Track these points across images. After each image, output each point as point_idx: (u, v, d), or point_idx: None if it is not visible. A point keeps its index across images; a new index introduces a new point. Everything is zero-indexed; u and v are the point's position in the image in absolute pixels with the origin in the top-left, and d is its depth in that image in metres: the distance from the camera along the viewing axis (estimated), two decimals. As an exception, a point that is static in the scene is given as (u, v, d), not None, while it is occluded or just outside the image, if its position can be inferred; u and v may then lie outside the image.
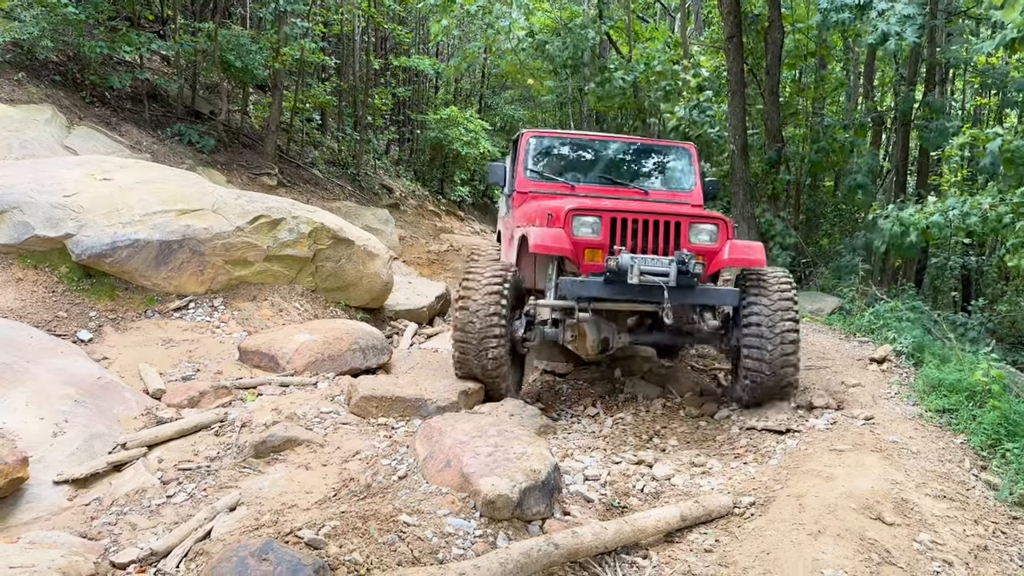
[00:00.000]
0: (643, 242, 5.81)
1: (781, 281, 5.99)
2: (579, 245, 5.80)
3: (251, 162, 15.16)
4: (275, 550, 3.15)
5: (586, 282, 5.67)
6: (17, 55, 12.62)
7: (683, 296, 5.62)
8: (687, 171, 7.42)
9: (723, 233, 5.90)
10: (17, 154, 9.76)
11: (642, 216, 5.82)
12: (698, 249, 5.82)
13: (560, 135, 7.78)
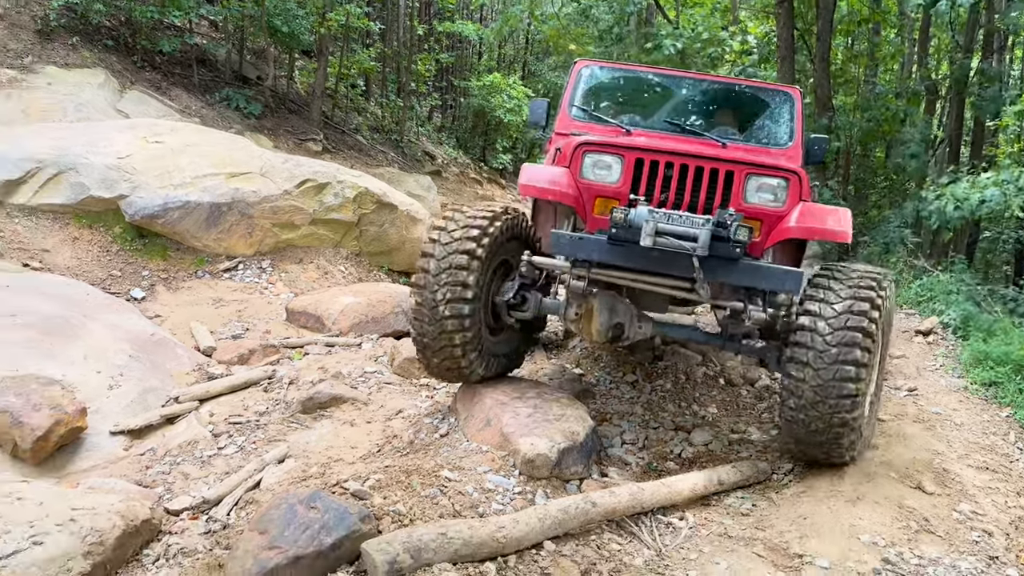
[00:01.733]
0: (680, 195, 4.22)
1: (864, 281, 4.03)
2: (589, 191, 4.34)
3: (297, 127, 15.31)
4: (322, 499, 3.27)
5: (585, 239, 4.09)
6: (71, 20, 12.86)
7: (719, 272, 3.94)
8: (785, 122, 5.56)
9: (794, 191, 4.15)
10: (72, 117, 10.00)
11: (680, 159, 4.18)
12: (756, 211, 4.15)
13: (622, 67, 6.42)
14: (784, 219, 4.17)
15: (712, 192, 4.20)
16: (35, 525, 3.32)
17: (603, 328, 4.49)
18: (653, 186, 4.24)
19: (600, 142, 4.38)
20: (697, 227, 3.78)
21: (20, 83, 10.97)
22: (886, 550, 3.64)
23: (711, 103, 5.85)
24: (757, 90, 5.90)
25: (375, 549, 3.08)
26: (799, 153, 5.39)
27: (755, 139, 5.54)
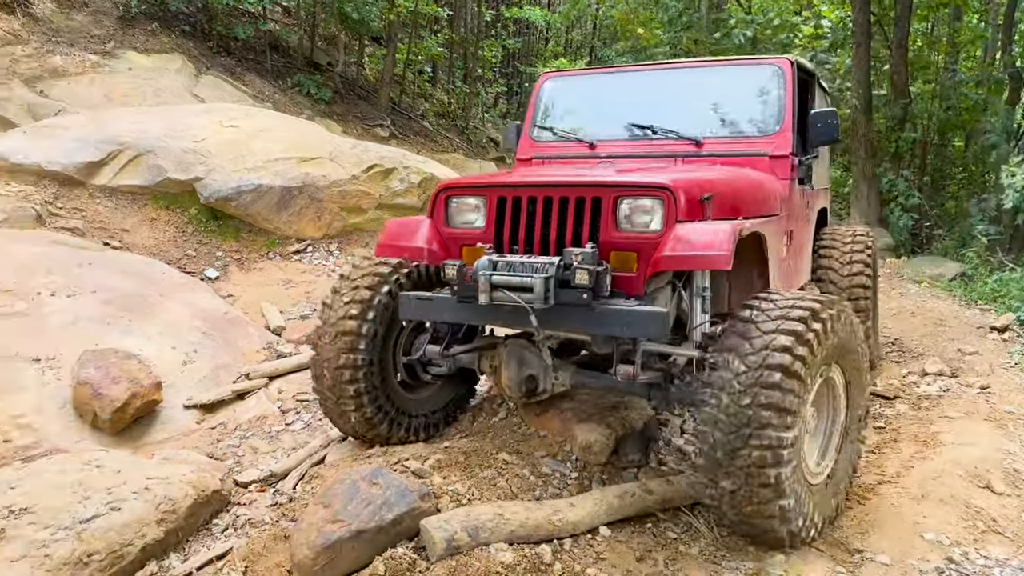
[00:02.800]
0: (547, 230, 3.57)
1: (794, 312, 3.29)
2: (454, 241, 3.81)
3: (365, 113, 15.54)
4: (384, 476, 3.36)
5: (434, 300, 3.74)
6: (151, 6, 13.27)
7: (567, 322, 3.40)
8: (771, 102, 4.64)
9: (670, 211, 3.35)
10: (151, 101, 10.35)
11: (543, 191, 3.55)
12: (631, 240, 3.42)
13: (588, 72, 5.90)
14: (661, 246, 3.34)
15: (580, 222, 3.48)
16: (113, 492, 3.49)
17: (513, 383, 3.94)
18: (519, 222, 3.62)
19: (463, 184, 3.88)
20: (533, 275, 3.27)
21: (103, 68, 11.39)
22: (950, 549, 3.57)
23: (688, 93, 5.03)
24: (737, 69, 4.99)
25: (434, 527, 3.16)
26: (789, 138, 4.52)
27: (737, 128, 4.71)
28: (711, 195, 3.46)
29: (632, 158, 4.69)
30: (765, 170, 4.41)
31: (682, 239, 3.28)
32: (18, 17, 11.84)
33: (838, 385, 3.68)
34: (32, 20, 12.03)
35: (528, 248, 3.57)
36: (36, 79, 10.70)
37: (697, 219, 3.41)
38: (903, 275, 10.40)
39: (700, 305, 3.60)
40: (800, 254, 5.18)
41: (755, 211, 3.93)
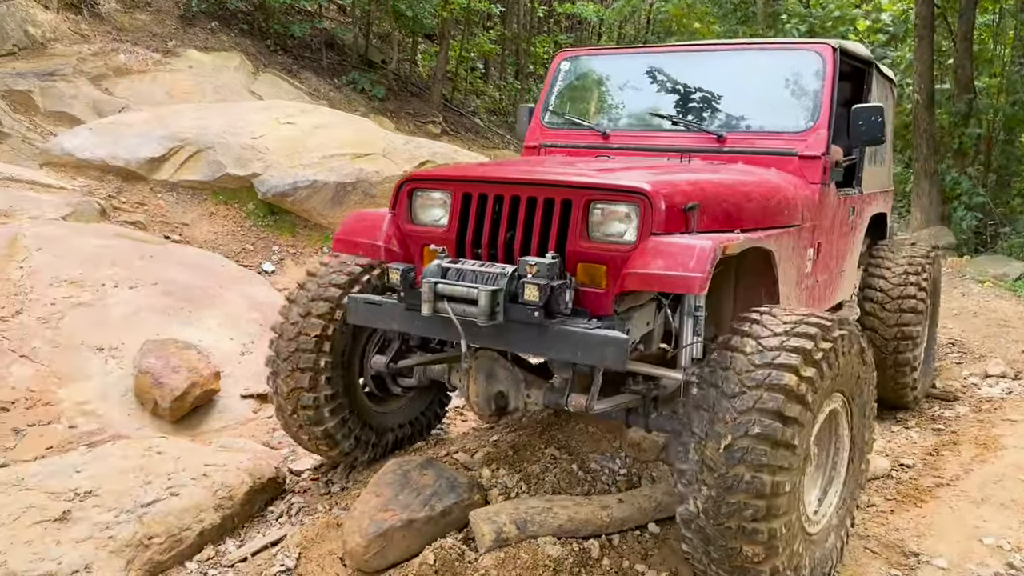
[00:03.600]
0: (512, 233, 3.09)
1: (800, 328, 2.83)
2: (414, 239, 3.37)
3: (418, 110, 15.68)
4: (435, 466, 3.41)
5: (383, 306, 3.28)
6: (211, 5, 13.58)
7: (519, 341, 2.97)
8: (808, 95, 4.08)
9: (646, 220, 2.88)
10: (210, 98, 10.60)
11: (511, 189, 3.09)
12: (598, 252, 2.95)
13: (610, 52, 5.31)
14: (630, 260, 2.87)
15: (548, 226, 3.01)
16: (172, 478, 3.59)
17: (481, 399, 3.42)
18: (483, 220, 3.15)
19: (428, 175, 3.48)
20: (479, 287, 2.83)
21: (164, 66, 11.70)
22: (1011, 555, 3.48)
23: (716, 80, 4.49)
24: (771, 54, 4.41)
25: (483, 518, 3.19)
26: (824, 136, 3.94)
27: (766, 123, 4.16)
28: (697, 204, 2.99)
29: (645, 152, 4.24)
30: (793, 172, 3.90)
31: (652, 255, 2.79)
32: (84, 17, 12.22)
33: (842, 420, 3.18)
34: (97, 19, 12.40)
35: (492, 253, 3.10)
36: (101, 77, 11.04)
37: (678, 231, 2.93)
38: (965, 275, 10.13)
39: (692, 326, 3.12)
40: (836, 268, 4.58)
41: (764, 221, 3.43)
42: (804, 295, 3.98)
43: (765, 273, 3.44)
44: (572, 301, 2.91)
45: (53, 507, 3.28)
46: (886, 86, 5.38)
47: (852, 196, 4.69)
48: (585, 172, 3.22)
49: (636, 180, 2.98)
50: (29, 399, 4.46)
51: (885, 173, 5.69)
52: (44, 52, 11.26)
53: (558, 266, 2.88)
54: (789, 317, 2.88)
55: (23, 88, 10.17)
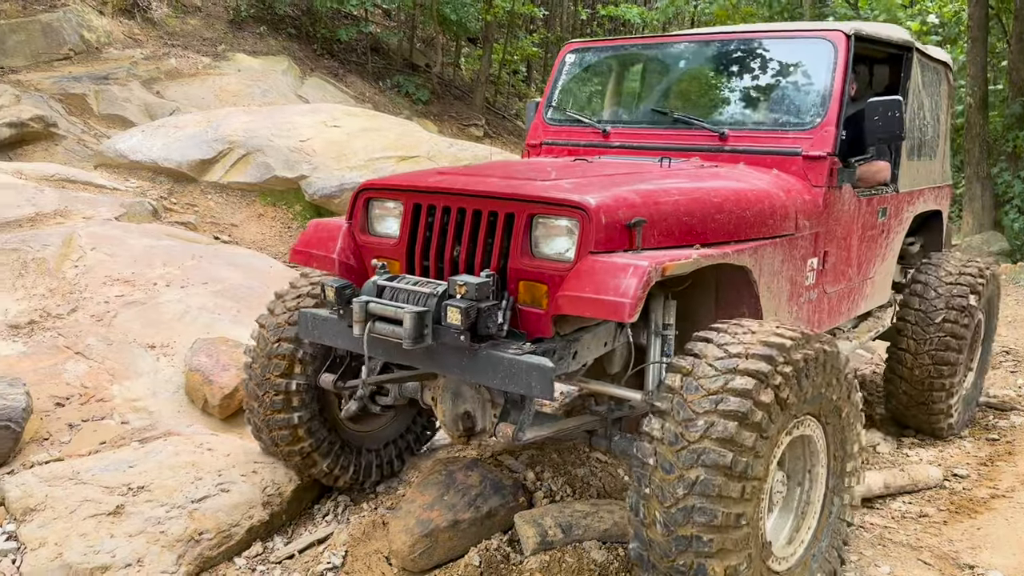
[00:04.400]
0: (459, 245, 2.92)
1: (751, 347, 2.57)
2: (370, 252, 3.19)
3: (460, 113, 15.75)
4: (480, 468, 3.41)
5: (328, 321, 3.08)
6: (260, 9, 13.80)
7: (452, 364, 2.78)
8: (817, 87, 3.73)
9: (585, 237, 2.66)
10: (259, 101, 10.77)
11: (457, 201, 2.92)
12: (538, 270, 2.74)
13: (615, 43, 4.90)
14: (566, 281, 2.67)
15: (492, 241, 2.83)
16: (222, 474, 3.65)
17: (449, 419, 3.17)
18: (432, 233, 2.96)
19: (383, 184, 3.22)
20: (405, 308, 2.66)
21: (214, 69, 11.91)
22: (1071, 570, 3.37)
23: (721, 71, 4.19)
24: (781, 42, 4.03)
25: (528, 521, 3.19)
26: (832, 134, 3.60)
27: (771, 119, 3.85)
28: (643, 219, 2.73)
29: (645, 151, 3.96)
30: (796, 174, 3.59)
31: (585, 277, 2.58)
32: (137, 22, 12.50)
33: (816, 447, 2.90)
34: (150, 24, 12.68)
35: (440, 270, 2.92)
36: (153, 80, 11.29)
37: (621, 248, 2.70)
38: (1020, 282, 9.87)
39: (659, 346, 2.97)
40: (858, 276, 4.20)
41: (740, 232, 3.12)
42: (803, 310, 3.65)
43: (747, 288, 3.16)
44: (508, 322, 2.72)
45: (107, 501, 3.35)
46: (936, 71, 4.91)
47: (881, 196, 4.26)
48: (532, 183, 2.94)
49: (577, 193, 2.72)
50: (83, 395, 4.56)
51: (937, 167, 5.15)
52: (99, 56, 11.55)
53: (490, 285, 2.68)
54: (747, 335, 2.62)
55: (78, 91, 10.44)
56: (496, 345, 2.68)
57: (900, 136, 3.67)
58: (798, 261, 3.51)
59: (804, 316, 3.67)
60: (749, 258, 3.05)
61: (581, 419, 3.14)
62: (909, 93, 4.31)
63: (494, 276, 2.71)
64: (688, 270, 2.69)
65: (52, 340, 4.94)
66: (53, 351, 4.83)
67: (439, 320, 2.66)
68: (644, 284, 2.46)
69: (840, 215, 3.83)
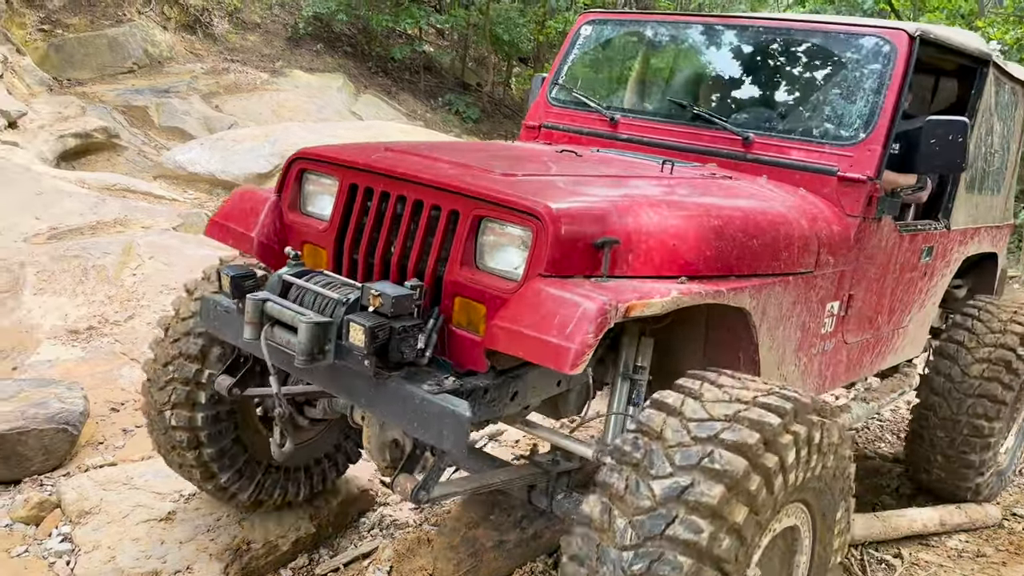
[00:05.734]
0: (393, 238, 2.42)
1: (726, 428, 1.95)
2: (297, 234, 2.68)
3: (510, 132, 15.85)
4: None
5: (232, 314, 2.52)
6: (317, 28, 14.08)
7: (348, 390, 2.33)
8: (865, 95, 3.11)
9: (537, 253, 2.12)
10: (314, 117, 10.97)
11: (399, 186, 2.39)
12: (478, 285, 2.22)
13: (636, 17, 4.33)
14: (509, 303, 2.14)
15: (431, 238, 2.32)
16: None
17: (374, 446, 2.60)
18: (366, 221, 2.48)
19: (320, 155, 2.67)
20: (308, 315, 2.18)
21: (271, 85, 12.17)
22: None
23: (755, 63, 3.62)
24: (831, 36, 3.35)
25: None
26: (878, 154, 2.98)
27: (806, 127, 3.24)
28: (615, 238, 2.20)
29: (656, 148, 3.40)
30: (827, 198, 3.02)
31: (526, 306, 2.04)
32: (199, 37, 12.84)
33: (801, 537, 2.36)
34: (211, 40, 13.01)
35: (383, 267, 2.42)
36: (212, 94, 11.56)
37: (582, 272, 2.16)
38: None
39: (626, 391, 2.48)
40: (890, 325, 3.61)
41: (742, 266, 2.52)
42: (814, 362, 3.07)
43: (745, 332, 2.61)
44: (434, 347, 2.20)
45: (159, 507, 3.39)
46: (1015, 92, 4.20)
47: (928, 232, 3.63)
48: (487, 175, 2.38)
49: (534, 194, 2.18)
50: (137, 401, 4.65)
51: (1000, 204, 4.40)
52: (161, 70, 11.88)
53: (413, 299, 2.15)
54: (739, 392, 2.07)
55: (141, 104, 10.74)
56: (412, 375, 2.18)
57: (961, 166, 3.06)
58: (815, 304, 2.92)
59: (815, 370, 3.09)
60: (749, 298, 2.48)
61: (517, 471, 2.63)
62: (978, 114, 3.67)
63: (422, 288, 2.20)
64: (663, 311, 2.14)
65: (109, 346, 5.05)
66: (110, 357, 4.93)
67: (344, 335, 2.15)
68: (598, 327, 1.92)
69: (875, 252, 3.22)
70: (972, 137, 3.57)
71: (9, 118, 8.92)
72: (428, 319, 2.21)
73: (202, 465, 3.05)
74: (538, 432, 2.66)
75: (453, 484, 2.52)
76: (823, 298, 2.96)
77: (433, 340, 2.20)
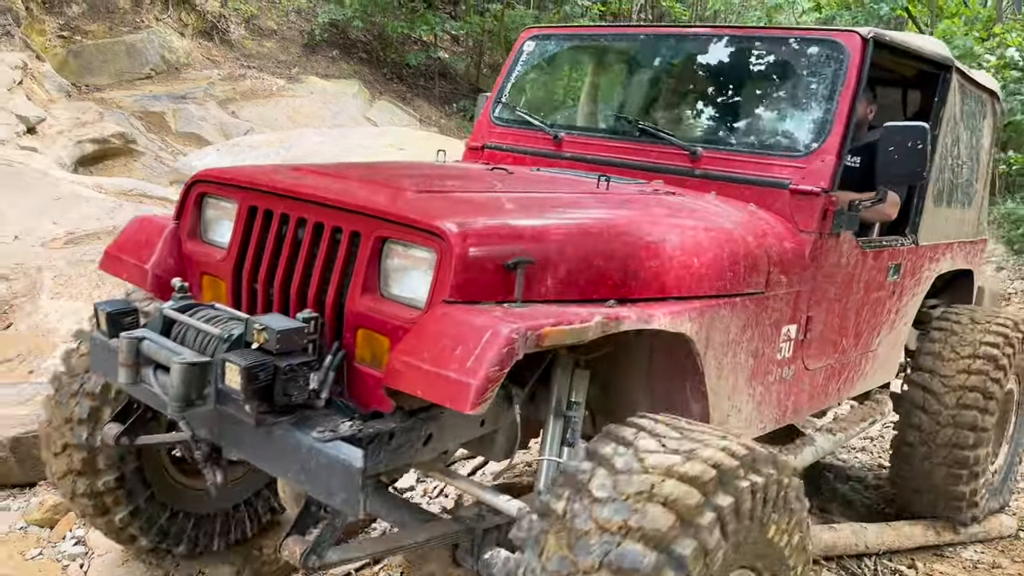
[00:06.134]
0: (291, 266, 2.18)
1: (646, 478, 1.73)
2: (195, 265, 2.45)
3: (525, 137, 15.95)
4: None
5: (114, 352, 2.14)
6: (333, 34, 14.17)
7: (231, 438, 2.08)
8: (818, 103, 2.93)
9: (440, 277, 1.88)
10: (329, 123, 11.03)
11: (298, 208, 2.18)
12: (380, 315, 1.96)
13: (580, 32, 4.24)
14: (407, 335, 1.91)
15: (332, 264, 2.07)
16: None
17: (289, 496, 2.49)
18: (274, 251, 2.21)
19: (219, 176, 2.43)
20: (184, 354, 1.93)
21: (287, 91, 12.25)
22: None
23: (704, 76, 3.45)
24: (781, 43, 3.18)
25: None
26: (831, 165, 2.77)
27: (755, 139, 3.08)
28: (529, 259, 1.95)
29: (601, 166, 3.16)
30: (779, 212, 2.80)
31: (422, 337, 1.82)
32: (215, 43, 12.95)
33: None
34: (227, 46, 13.11)
35: (272, 299, 2.18)
36: (229, 100, 11.65)
37: (494, 297, 1.92)
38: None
39: (559, 432, 2.18)
40: (858, 348, 3.33)
41: (682, 286, 2.29)
42: (772, 392, 2.81)
43: (690, 360, 2.37)
44: (330, 387, 1.96)
45: (172, 510, 3.41)
46: (980, 100, 4.07)
47: (894, 248, 3.39)
48: (395, 193, 2.17)
49: (438, 213, 1.96)
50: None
51: (971, 218, 4.17)
52: (178, 76, 11.98)
53: (305, 333, 1.92)
54: (678, 444, 1.83)
55: (157, 110, 10.83)
56: (304, 420, 1.92)
57: (921, 175, 2.82)
58: (768, 328, 2.68)
59: (772, 399, 2.83)
60: (689, 323, 2.23)
61: (440, 527, 2.32)
62: (942, 122, 3.49)
63: (317, 319, 1.96)
64: (582, 339, 1.89)
65: (125, 350, 5.09)
66: (125, 361, 4.97)
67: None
68: (503, 358, 1.68)
69: (834, 271, 2.98)
70: (937, 147, 3.46)
71: (28, 124, 9.02)
72: (326, 355, 1.97)
73: (117, 530, 2.82)
74: (458, 483, 2.38)
75: (353, 547, 2.25)
76: (777, 321, 2.72)
77: (330, 379, 1.95)
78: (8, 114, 8.89)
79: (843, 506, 4.33)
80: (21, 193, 6.93)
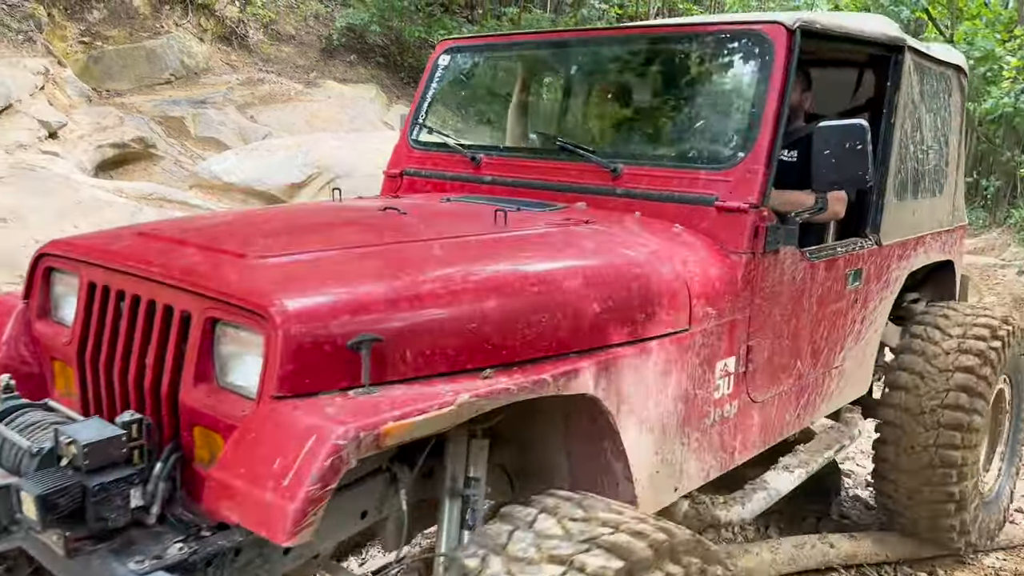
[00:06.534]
0: (126, 352, 1.84)
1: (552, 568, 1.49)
2: (44, 347, 2.13)
3: (542, 141, 15.96)
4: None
5: None
6: (351, 39, 14.24)
7: (50, 564, 1.66)
8: (743, 104, 2.58)
9: (269, 367, 1.54)
10: (346, 127, 11.08)
11: (133, 284, 1.84)
12: (212, 410, 1.65)
13: (496, 40, 3.60)
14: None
15: (166, 350, 1.77)
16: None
17: None
18: (104, 328, 1.92)
19: (64, 249, 2.10)
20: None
21: (306, 96, 12.32)
22: None
23: (624, 83, 3.16)
24: (700, 40, 2.83)
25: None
26: (760, 175, 2.43)
27: (680, 151, 2.74)
28: (375, 335, 1.62)
29: (521, 189, 2.90)
30: (707, 233, 2.47)
31: (239, 447, 1.52)
32: (234, 48, 13.04)
33: None
34: (246, 51, 13.21)
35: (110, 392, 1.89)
36: (247, 105, 11.73)
37: (337, 386, 1.60)
38: None
39: (456, 514, 1.89)
40: (816, 369, 2.99)
41: (581, 339, 1.98)
42: (710, 435, 2.46)
43: (603, 418, 2.06)
44: (163, 499, 1.65)
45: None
46: (943, 77, 3.68)
47: (851, 254, 3.04)
48: (232, 262, 1.82)
49: (268, 287, 1.66)
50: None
51: (944, 205, 3.83)
52: (197, 81, 12.08)
53: (127, 440, 1.61)
54: (582, 527, 1.58)
55: (177, 114, 10.92)
56: (126, 546, 1.59)
57: (864, 179, 2.45)
58: (698, 368, 2.34)
59: (713, 443, 2.49)
60: (591, 380, 1.93)
61: None
62: (898, 108, 3.15)
63: (142, 421, 1.65)
64: (439, 428, 1.59)
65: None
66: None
67: None
68: (324, 473, 1.37)
69: (777, 291, 2.63)
70: (894, 136, 3.13)
71: (50, 128, 9.12)
72: (154, 462, 1.66)
73: None
74: None
75: None
76: (709, 358, 2.38)
77: (160, 490, 1.64)
78: (30, 119, 9.00)
79: (863, 510, 4.30)
80: (43, 197, 7.01)
